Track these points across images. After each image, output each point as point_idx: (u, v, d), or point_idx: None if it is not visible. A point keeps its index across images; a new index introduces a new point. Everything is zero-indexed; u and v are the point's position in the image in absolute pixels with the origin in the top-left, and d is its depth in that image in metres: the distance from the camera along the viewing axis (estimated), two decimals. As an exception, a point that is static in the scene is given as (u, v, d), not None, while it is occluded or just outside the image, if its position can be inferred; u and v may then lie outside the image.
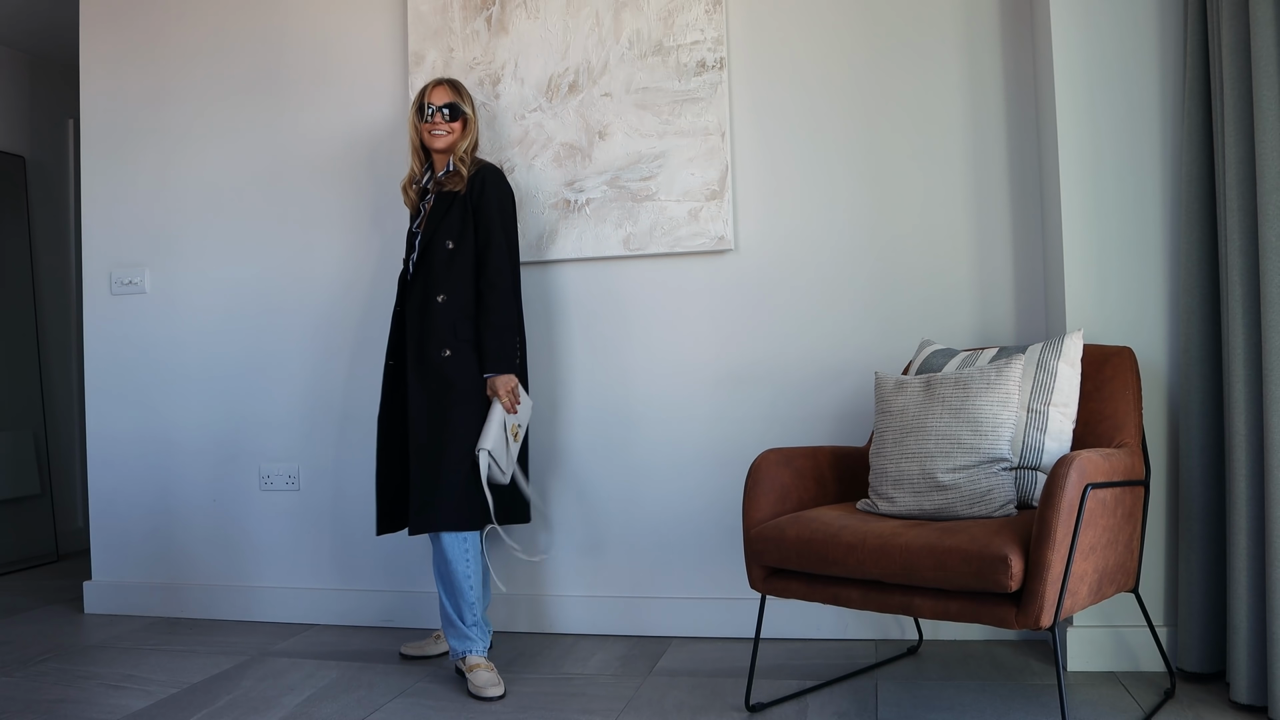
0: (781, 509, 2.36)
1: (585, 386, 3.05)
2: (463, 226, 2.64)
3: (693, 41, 2.96)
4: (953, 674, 2.52)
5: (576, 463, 3.04)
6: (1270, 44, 2.10)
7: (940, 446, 2.21)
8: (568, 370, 3.06)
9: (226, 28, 3.39)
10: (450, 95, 2.71)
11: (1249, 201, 2.20)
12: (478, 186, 2.66)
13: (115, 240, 3.48)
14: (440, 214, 2.67)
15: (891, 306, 2.87)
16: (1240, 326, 2.19)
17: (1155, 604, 2.47)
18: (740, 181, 2.96)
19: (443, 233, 2.65)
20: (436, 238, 2.65)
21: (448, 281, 2.62)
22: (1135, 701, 2.26)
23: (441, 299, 2.61)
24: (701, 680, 2.55)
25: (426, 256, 2.65)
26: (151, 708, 2.44)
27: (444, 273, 2.63)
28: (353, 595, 3.21)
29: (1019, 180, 2.81)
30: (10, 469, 4.34)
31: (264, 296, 3.33)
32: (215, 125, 3.39)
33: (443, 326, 2.60)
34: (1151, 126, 2.52)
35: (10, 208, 4.49)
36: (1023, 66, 2.81)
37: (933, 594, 2.00)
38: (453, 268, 2.63)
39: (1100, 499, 1.99)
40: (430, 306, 2.62)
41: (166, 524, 3.41)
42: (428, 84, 2.75)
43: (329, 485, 3.26)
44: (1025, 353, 2.34)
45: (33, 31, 4.38)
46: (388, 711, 2.39)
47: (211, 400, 3.37)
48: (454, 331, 2.61)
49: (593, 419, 3.04)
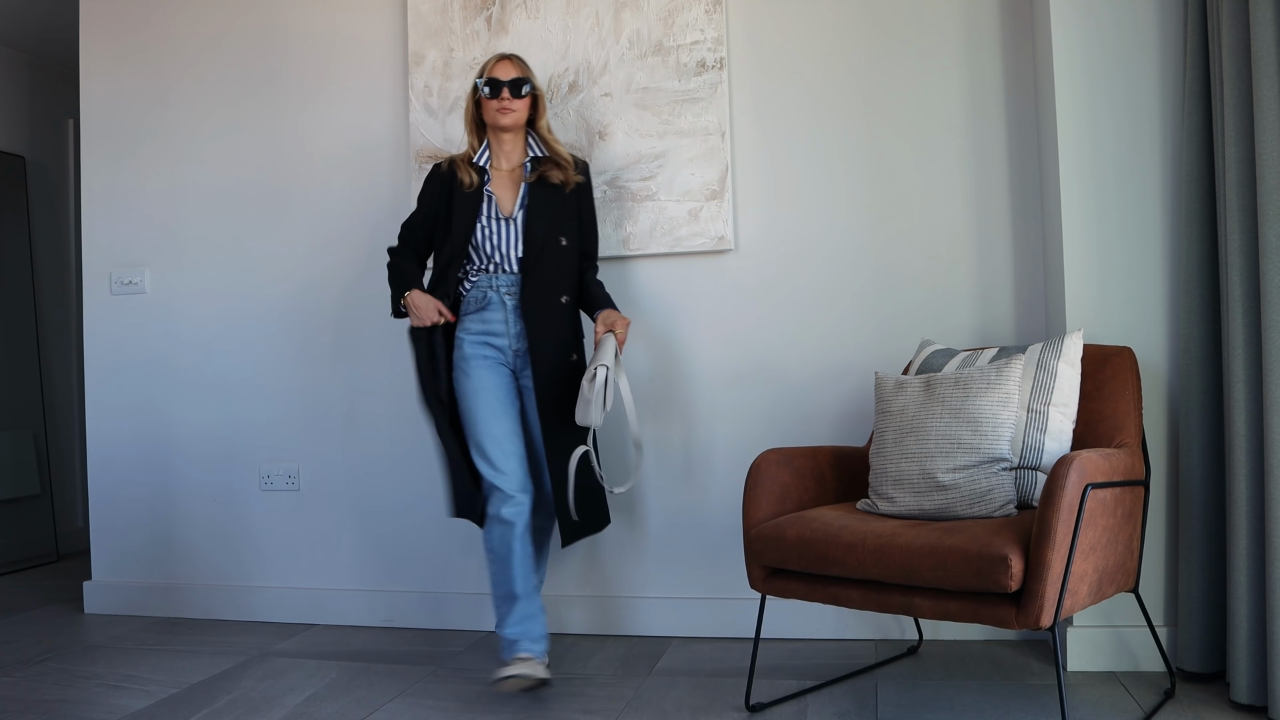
0: (781, 509, 2.36)
1: (585, 386, 3.05)
2: (570, 222, 2.61)
3: (693, 41, 2.96)
4: (953, 674, 2.52)
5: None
6: (1270, 44, 2.10)
7: (940, 446, 2.21)
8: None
9: (226, 28, 3.39)
10: (518, 70, 2.58)
11: (1249, 201, 2.20)
12: (583, 180, 2.65)
13: (115, 240, 3.48)
14: (544, 206, 2.58)
15: (891, 306, 2.87)
16: (1240, 326, 2.19)
17: (1155, 604, 2.47)
18: (740, 181, 2.96)
19: (557, 227, 2.58)
20: (552, 231, 2.57)
21: (568, 281, 2.60)
22: (1135, 701, 2.26)
23: (565, 300, 2.59)
24: (701, 680, 2.55)
25: (539, 250, 2.55)
26: (151, 708, 2.44)
27: (563, 272, 2.59)
28: (353, 595, 3.21)
29: (1019, 180, 2.81)
30: (10, 469, 4.34)
31: (264, 296, 3.33)
32: (215, 125, 3.39)
33: (567, 329, 2.59)
34: (1151, 126, 2.52)
35: (10, 208, 4.49)
36: (1023, 66, 2.81)
37: (933, 594, 2.00)
38: (569, 267, 2.61)
39: (1100, 499, 1.99)
40: (554, 306, 2.57)
41: (166, 524, 3.41)
42: (489, 59, 2.61)
43: (329, 485, 3.25)
44: (1025, 353, 2.34)
45: (33, 31, 4.38)
46: (388, 711, 2.39)
47: (212, 400, 3.37)
48: (576, 335, 2.63)
49: (593, 419, 3.04)
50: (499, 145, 2.63)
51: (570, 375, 2.57)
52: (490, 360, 2.56)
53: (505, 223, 2.57)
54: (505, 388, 2.55)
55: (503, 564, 2.46)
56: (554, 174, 2.59)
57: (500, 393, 2.53)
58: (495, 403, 2.51)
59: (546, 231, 2.56)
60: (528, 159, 2.63)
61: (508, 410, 2.54)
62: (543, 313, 2.55)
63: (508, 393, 2.56)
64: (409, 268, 2.65)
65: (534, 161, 2.63)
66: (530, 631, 2.44)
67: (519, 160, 2.64)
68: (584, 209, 2.67)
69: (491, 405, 2.51)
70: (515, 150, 2.64)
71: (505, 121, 2.57)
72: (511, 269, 2.56)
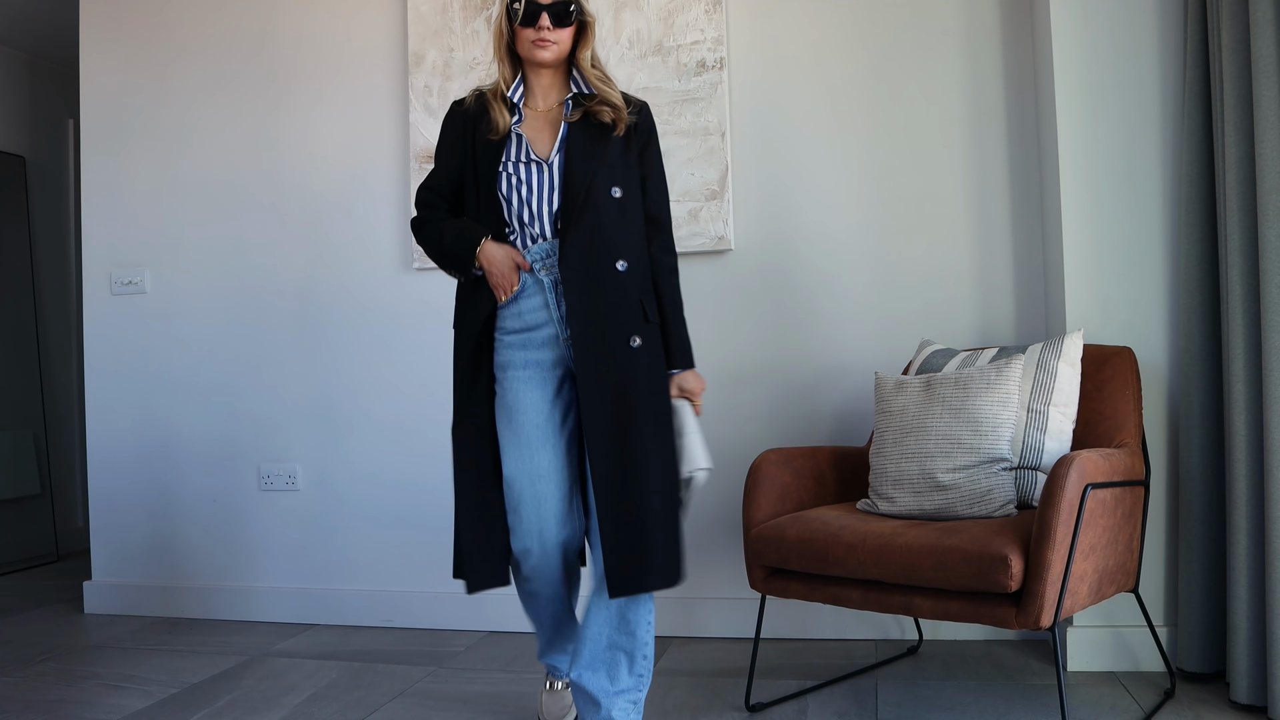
0: (781, 509, 2.36)
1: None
2: (627, 171, 2.01)
3: (693, 41, 2.96)
4: (953, 674, 2.52)
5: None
6: (1270, 44, 2.10)
7: (940, 446, 2.21)
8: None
9: (226, 28, 3.39)
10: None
11: (1249, 201, 2.20)
12: (645, 125, 2.08)
13: (115, 240, 3.48)
14: (588, 148, 1.98)
15: (891, 306, 2.87)
16: (1240, 326, 2.19)
17: (1155, 604, 2.47)
18: (740, 181, 2.96)
19: (605, 176, 1.98)
20: (598, 180, 1.96)
21: (625, 243, 1.98)
22: (1135, 701, 2.26)
23: (623, 266, 1.96)
24: (701, 680, 2.55)
25: (583, 200, 1.95)
26: (151, 708, 2.44)
27: (619, 230, 1.97)
28: (353, 595, 3.21)
29: (1019, 180, 2.81)
30: (10, 469, 4.34)
31: (264, 296, 3.33)
32: (215, 125, 3.39)
33: (629, 304, 1.97)
34: (1151, 126, 2.52)
35: (10, 208, 4.49)
36: (1023, 66, 2.81)
37: (933, 594, 2.00)
38: (628, 224, 2.00)
39: (1100, 499, 1.99)
40: (607, 275, 1.95)
41: (166, 524, 3.41)
42: None
43: (329, 485, 3.25)
44: (1025, 353, 2.34)
45: (33, 31, 4.38)
46: (388, 711, 2.39)
47: (211, 400, 3.37)
48: (644, 311, 1.99)
49: (593, 419, 3.04)
50: (536, 80, 2.05)
51: (628, 368, 1.95)
52: (531, 369, 2.00)
53: (539, 167, 1.98)
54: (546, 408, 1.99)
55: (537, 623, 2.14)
56: (603, 112, 2.01)
57: (540, 416, 1.98)
58: (532, 429, 1.97)
59: (593, 178, 1.96)
60: (569, 95, 2.05)
61: (547, 440, 1.98)
62: (589, 284, 1.94)
63: (548, 417, 1.99)
64: (458, 220, 2.04)
65: (576, 99, 2.04)
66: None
67: (558, 100, 2.06)
68: (647, 159, 2.08)
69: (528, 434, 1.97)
70: (555, 88, 2.06)
71: (544, 56, 1.98)
72: (546, 233, 1.98)
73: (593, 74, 2.04)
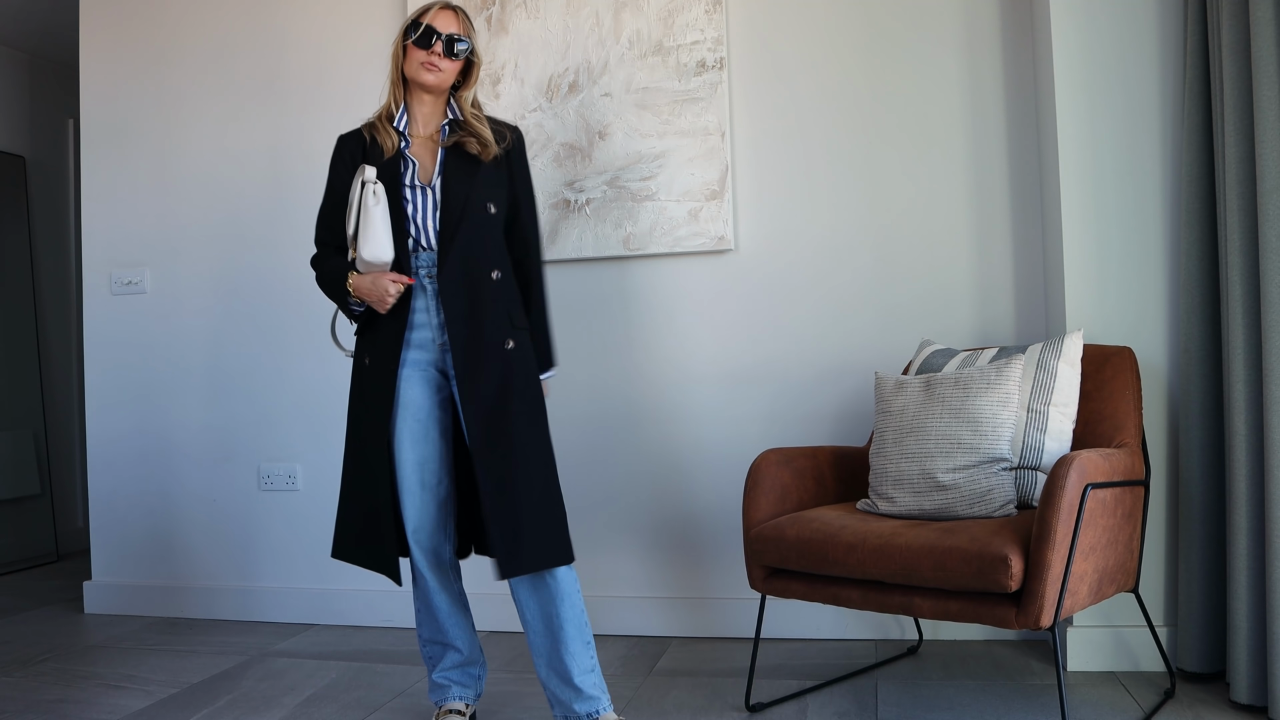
0: (781, 509, 2.36)
1: (585, 386, 3.05)
2: (500, 190, 2.22)
3: (693, 41, 2.96)
4: (953, 674, 2.52)
5: (577, 463, 3.04)
6: (1270, 44, 2.10)
7: (940, 446, 2.21)
8: (568, 370, 3.05)
9: (227, 29, 3.39)
10: (459, 25, 2.17)
11: (1249, 201, 2.20)
12: (517, 147, 2.28)
13: (115, 240, 3.48)
14: (463, 169, 2.18)
15: (891, 306, 2.87)
16: (1240, 326, 2.19)
17: (1155, 604, 2.47)
18: (740, 181, 2.96)
19: (482, 193, 2.17)
20: (474, 198, 2.16)
21: (498, 254, 2.19)
22: (1135, 701, 2.26)
23: (497, 275, 2.17)
24: (701, 680, 2.55)
25: (459, 217, 2.14)
26: (151, 708, 2.44)
27: (492, 243, 2.18)
28: (353, 595, 3.21)
29: (1019, 180, 2.81)
30: (10, 469, 4.34)
31: (264, 296, 3.33)
32: (216, 125, 3.39)
33: (501, 311, 2.16)
34: (1151, 126, 2.52)
35: (10, 208, 4.49)
36: (1023, 67, 2.81)
37: (933, 594, 2.00)
38: (497, 238, 2.21)
39: (1100, 499, 1.99)
40: (484, 283, 2.15)
41: (166, 524, 3.41)
42: (432, 4, 2.18)
43: (329, 485, 3.25)
44: (1025, 353, 2.34)
45: (33, 31, 4.38)
46: (387, 711, 2.38)
47: (211, 400, 3.37)
48: (511, 319, 2.18)
49: (593, 419, 3.04)
50: (418, 106, 2.22)
51: (505, 370, 2.12)
52: (410, 368, 2.18)
53: (424, 191, 2.17)
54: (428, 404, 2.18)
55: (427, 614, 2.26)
56: (470, 143, 2.19)
57: (421, 412, 2.17)
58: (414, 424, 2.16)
59: (468, 197, 2.15)
60: (445, 121, 2.23)
61: (427, 433, 2.17)
62: (466, 291, 2.12)
63: (429, 411, 2.18)
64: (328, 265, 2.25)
65: (451, 125, 2.23)
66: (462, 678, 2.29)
67: (437, 125, 2.24)
68: (518, 180, 2.27)
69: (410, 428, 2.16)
70: (435, 114, 2.24)
71: (427, 79, 2.15)
72: (431, 244, 2.16)
73: (469, 110, 2.24)
